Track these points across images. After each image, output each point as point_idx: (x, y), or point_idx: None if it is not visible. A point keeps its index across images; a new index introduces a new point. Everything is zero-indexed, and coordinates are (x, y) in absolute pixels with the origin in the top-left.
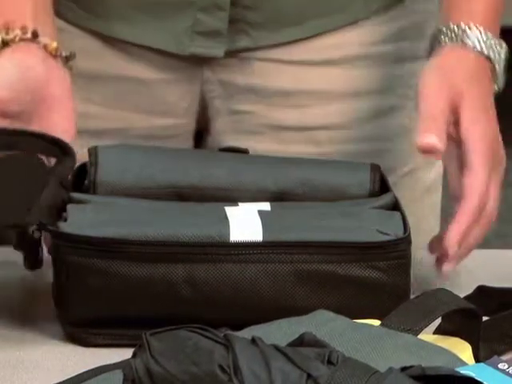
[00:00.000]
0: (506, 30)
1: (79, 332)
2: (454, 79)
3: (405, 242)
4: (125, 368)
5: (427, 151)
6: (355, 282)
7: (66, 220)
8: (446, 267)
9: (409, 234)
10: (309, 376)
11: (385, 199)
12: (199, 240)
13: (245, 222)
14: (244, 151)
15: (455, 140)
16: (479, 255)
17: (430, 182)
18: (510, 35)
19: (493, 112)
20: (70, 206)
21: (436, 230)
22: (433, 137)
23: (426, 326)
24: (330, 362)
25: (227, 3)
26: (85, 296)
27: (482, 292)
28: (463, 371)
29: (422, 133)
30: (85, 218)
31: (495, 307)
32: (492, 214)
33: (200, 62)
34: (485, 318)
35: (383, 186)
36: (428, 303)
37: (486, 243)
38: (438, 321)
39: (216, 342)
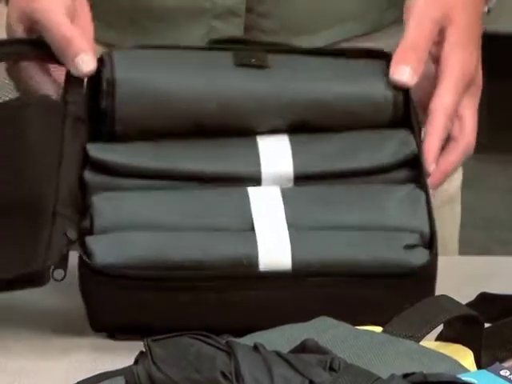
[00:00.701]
0: (495, 36)
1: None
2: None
3: (432, 266)
4: (127, 374)
5: (398, 86)
6: (381, 304)
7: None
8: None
9: (436, 254)
10: (311, 382)
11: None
12: (227, 266)
13: (273, 244)
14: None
15: (435, 60)
16: (481, 262)
17: (450, 194)
18: (498, 41)
19: (478, 41)
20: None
21: (455, 240)
22: (406, 71)
23: (428, 332)
24: (331, 369)
25: (243, 10)
26: (113, 313)
27: (484, 299)
28: (465, 378)
29: (396, 64)
30: (111, 247)
31: (497, 314)
32: (468, 139)
33: None
34: (487, 325)
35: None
36: (430, 310)
37: (488, 250)
38: (440, 327)
39: (218, 348)
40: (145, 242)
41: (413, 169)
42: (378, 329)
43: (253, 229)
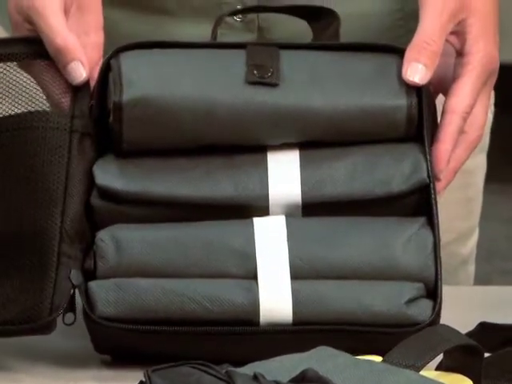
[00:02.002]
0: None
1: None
2: None
3: (435, 320)
4: None
5: (410, 85)
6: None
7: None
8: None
9: (440, 307)
10: None
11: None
12: (228, 322)
13: (274, 297)
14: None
15: (457, 52)
16: (482, 292)
17: (466, 255)
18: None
19: (497, 26)
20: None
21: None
22: (418, 69)
23: (428, 362)
24: None
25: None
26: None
27: (484, 328)
28: None
29: (409, 61)
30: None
31: (497, 344)
32: (478, 133)
33: None
34: (487, 355)
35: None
36: (430, 339)
37: (488, 280)
38: (440, 357)
39: (218, 378)
40: (147, 292)
41: (422, 195)
42: (378, 358)
43: (255, 277)
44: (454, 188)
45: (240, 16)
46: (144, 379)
